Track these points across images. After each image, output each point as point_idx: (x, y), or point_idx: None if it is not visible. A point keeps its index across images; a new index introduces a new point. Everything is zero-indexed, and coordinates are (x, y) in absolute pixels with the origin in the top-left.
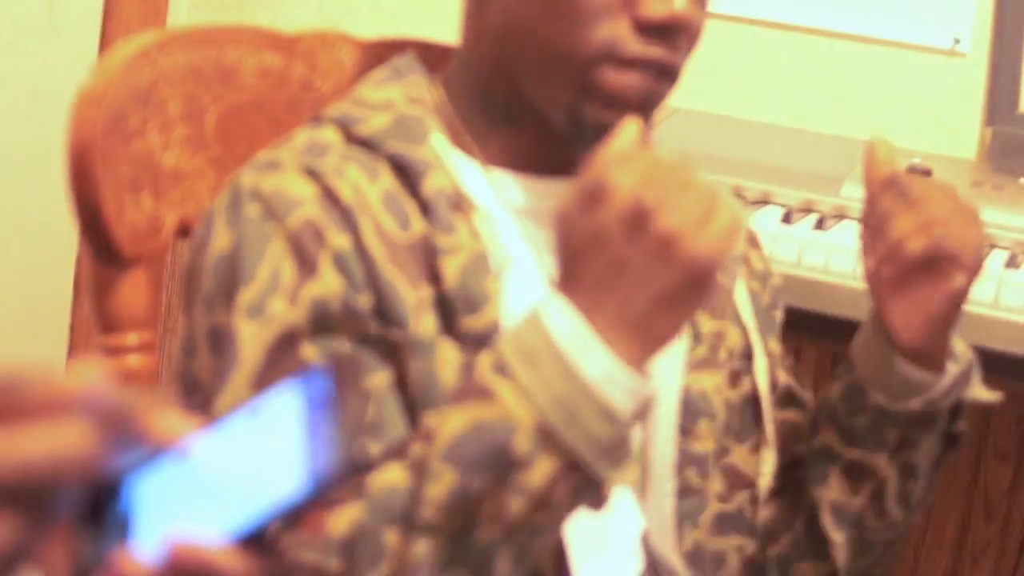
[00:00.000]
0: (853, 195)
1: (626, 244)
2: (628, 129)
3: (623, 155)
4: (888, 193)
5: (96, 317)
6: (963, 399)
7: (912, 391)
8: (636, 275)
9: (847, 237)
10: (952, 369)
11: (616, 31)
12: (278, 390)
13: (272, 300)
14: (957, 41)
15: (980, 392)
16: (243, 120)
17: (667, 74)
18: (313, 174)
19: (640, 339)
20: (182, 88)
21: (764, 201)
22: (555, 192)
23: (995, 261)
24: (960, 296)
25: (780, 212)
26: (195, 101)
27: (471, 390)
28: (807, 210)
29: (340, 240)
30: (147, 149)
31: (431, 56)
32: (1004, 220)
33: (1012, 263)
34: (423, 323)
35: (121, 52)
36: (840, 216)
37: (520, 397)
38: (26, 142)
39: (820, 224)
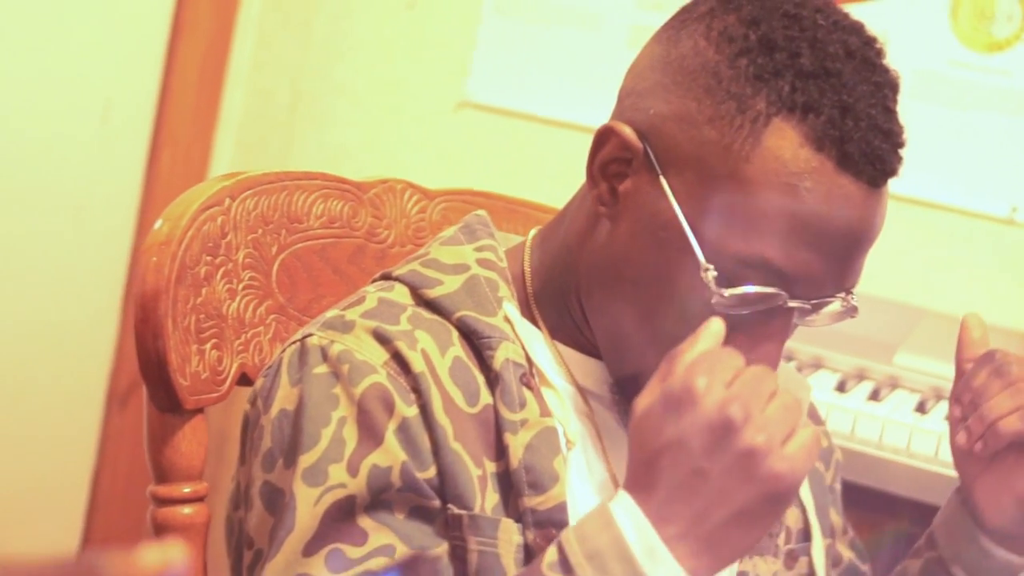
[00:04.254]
0: (906, 364)
1: (707, 456)
2: (712, 328)
3: (709, 359)
4: (983, 370)
5: (152, 465)
6: None
7: (996, 571)
8: (714, 488)
9: (902, 411)
10: None
11: None
12: None
13: (333, 467)
14: (1015, 209)
15: None
16: (307, 268)
17: None
18: (384, 339)
19: (710, 553)
20: (250, 235)
21: (817, 365)
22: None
23: None
24: None
25: (834, 379)
26: (262, 248)
27: None
28: (860, 377)
29: (408, 410)
30: (214, 297)
31: (493, 207)
32: None
33: None
34: (487, 500)
35: (194, 198)
36: (894, 385)
37: None
38: (68, 251)
39: (875, 394)
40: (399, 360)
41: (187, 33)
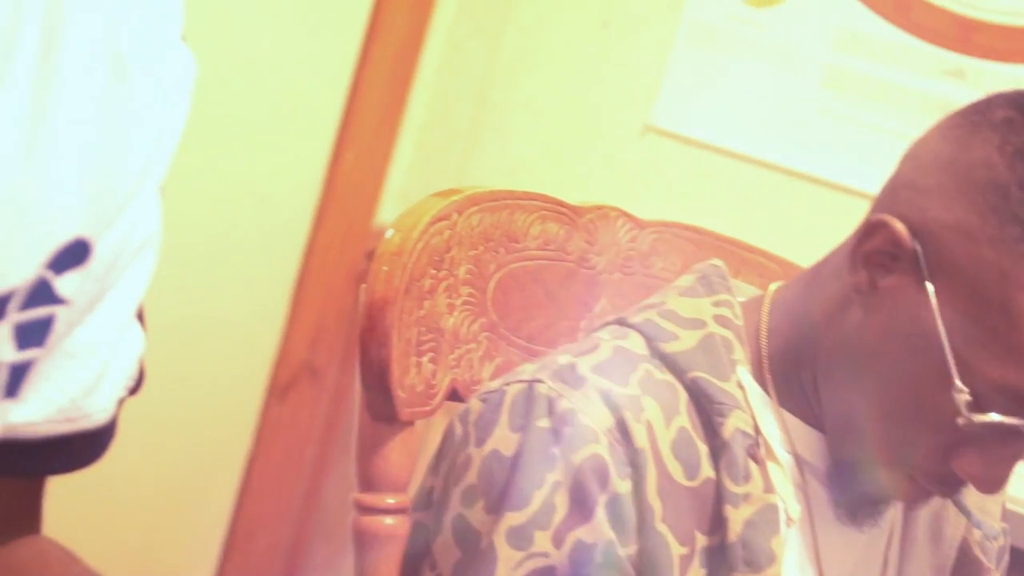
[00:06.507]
0: None
1: None
2: None
3: None
4: None
5: (359, 473)
6: None
7: None
8: None
9: None
10: None
11: (925, 456)
12: None
13: (539, 534)
14: None
15: None
16: (520, 288)
17: None
18: (612, 404)
19: None
20: (472, 251)
21: None
22: None
23: None
24: None
25: None
26: (482, 265)
27: None
28: None
29: (622, 485)
30: (435, 311)
31: (702, 241)
32: None
33: None
34: None
35: (424, 210)
36: None
37: None
38: (244, 242)
39: None
40: (622, 429)
41: (381, 34)
